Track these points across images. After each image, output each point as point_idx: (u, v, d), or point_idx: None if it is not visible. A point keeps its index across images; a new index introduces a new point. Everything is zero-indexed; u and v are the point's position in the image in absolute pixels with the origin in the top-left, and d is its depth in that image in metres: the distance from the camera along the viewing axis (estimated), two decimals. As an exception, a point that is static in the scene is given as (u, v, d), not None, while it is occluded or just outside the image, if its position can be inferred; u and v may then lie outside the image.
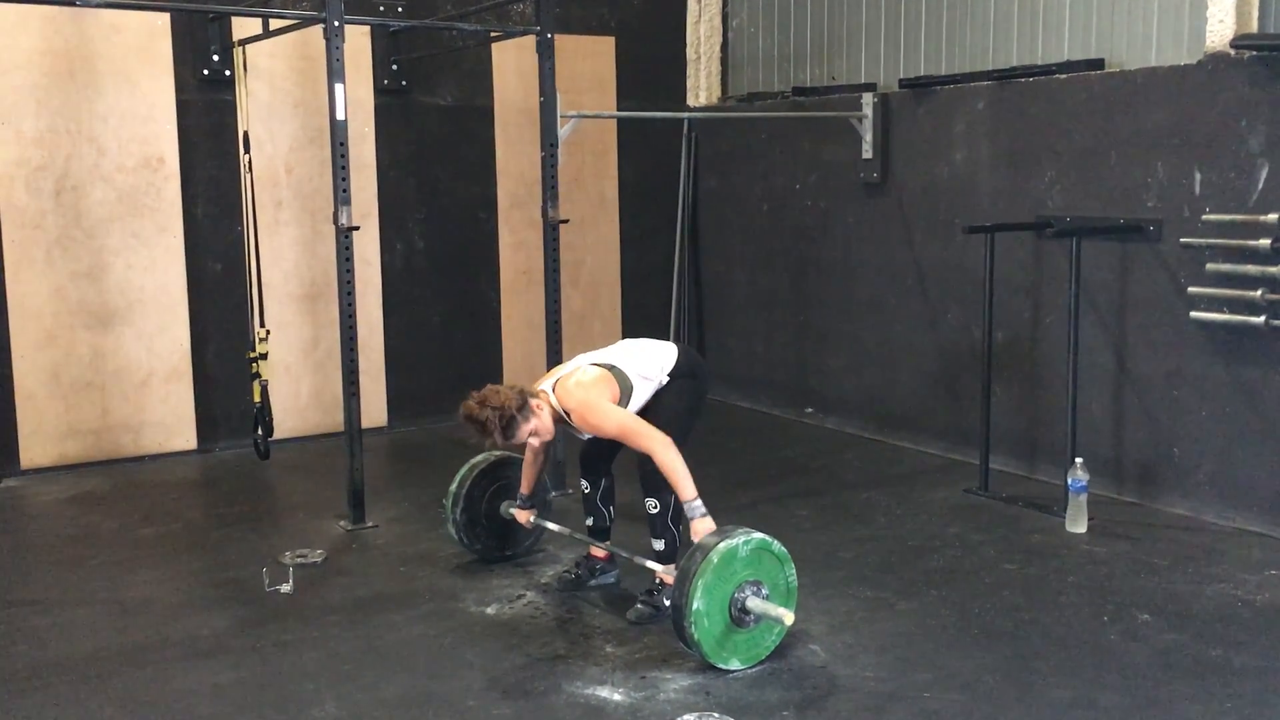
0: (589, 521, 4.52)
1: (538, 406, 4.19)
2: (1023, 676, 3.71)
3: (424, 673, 3.79)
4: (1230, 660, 3.81)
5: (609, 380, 4.22)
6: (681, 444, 4.10)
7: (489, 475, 4.75)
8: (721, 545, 3.72)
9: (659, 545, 4.19)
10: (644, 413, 4.24)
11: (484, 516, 4.74)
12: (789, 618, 3.72)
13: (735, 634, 3.75)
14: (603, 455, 4.45)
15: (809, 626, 4.10)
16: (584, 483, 4.49)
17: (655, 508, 4.15)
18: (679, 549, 4.20)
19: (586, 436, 4.34)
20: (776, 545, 3.84)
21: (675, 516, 4.15)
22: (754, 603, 3.74)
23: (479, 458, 4.79)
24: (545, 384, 4.32)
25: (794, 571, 3.88)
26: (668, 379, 4.30)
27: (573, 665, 3.82)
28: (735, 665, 3.77)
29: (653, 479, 4.09)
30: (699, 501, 3.94)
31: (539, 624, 4.17)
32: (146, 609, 4.35)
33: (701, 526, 3.90)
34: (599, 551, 4.53)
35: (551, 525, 4.62)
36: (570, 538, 4.60)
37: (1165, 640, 3.97)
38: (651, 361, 4.33)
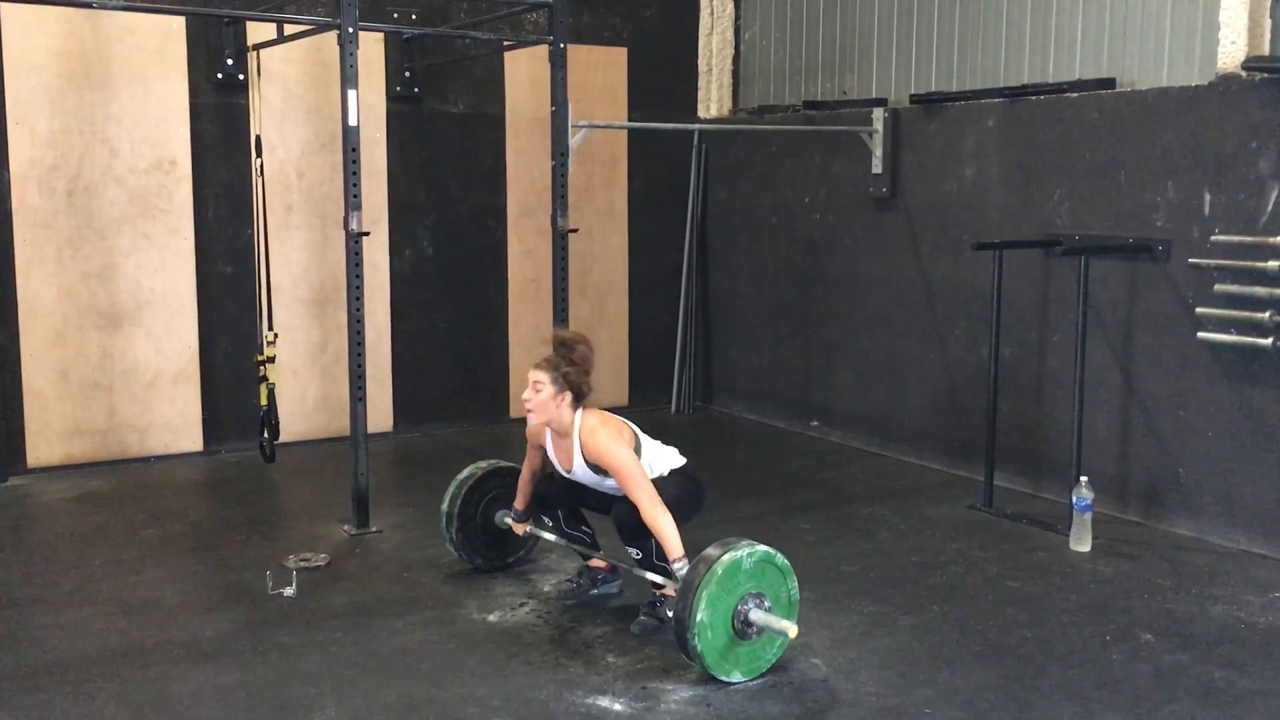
0: (574, 546, 4.54)
1: (564, 401, 4.16)
2: (1024, 695, 3.71)
3: (425, 679, 3.79)
4: (1233, 682, 3.80)
5: (631, 432, 4.23)
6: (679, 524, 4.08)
7: (478, 491, 4.75)
8: (725, 557, 3.72)
9: (652, 576, 4.16)
10: None
11: (480, 531, 4.75)
12: (792, 630, 3.72)
13: (738, 646, 3.75)
14: (554, 493, 4.44)
15: (811, 640, 4.10)
16: (546, 519, 4.51)
17: (639, 555, 4.14)
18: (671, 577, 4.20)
19: (561, 473, 4.33)
20: (780, 558, 3.84)
21: (660, 555, 4.09)
22: (757, 615, 3.74)
23: (464, 474, 4.80)
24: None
25: (796, 584, 3.88)
26: (667, 473, 4.26)
27: (574, 674, 3.82)
28: (737, 677, 3.77)
29: (630, 529, 4.07)
30: (684, 562, 3.87)
31: (541, 632, 4.17)
32: (150, 610, 4.36)
33: None
34: (599, 562, 4.53)
35: (548, 535, 4.62)
36: (567, 547, 4.59)
37: (1168, 661, 3.96)
38: (660, 454, 4.30)
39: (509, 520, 4.66)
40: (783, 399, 7.56)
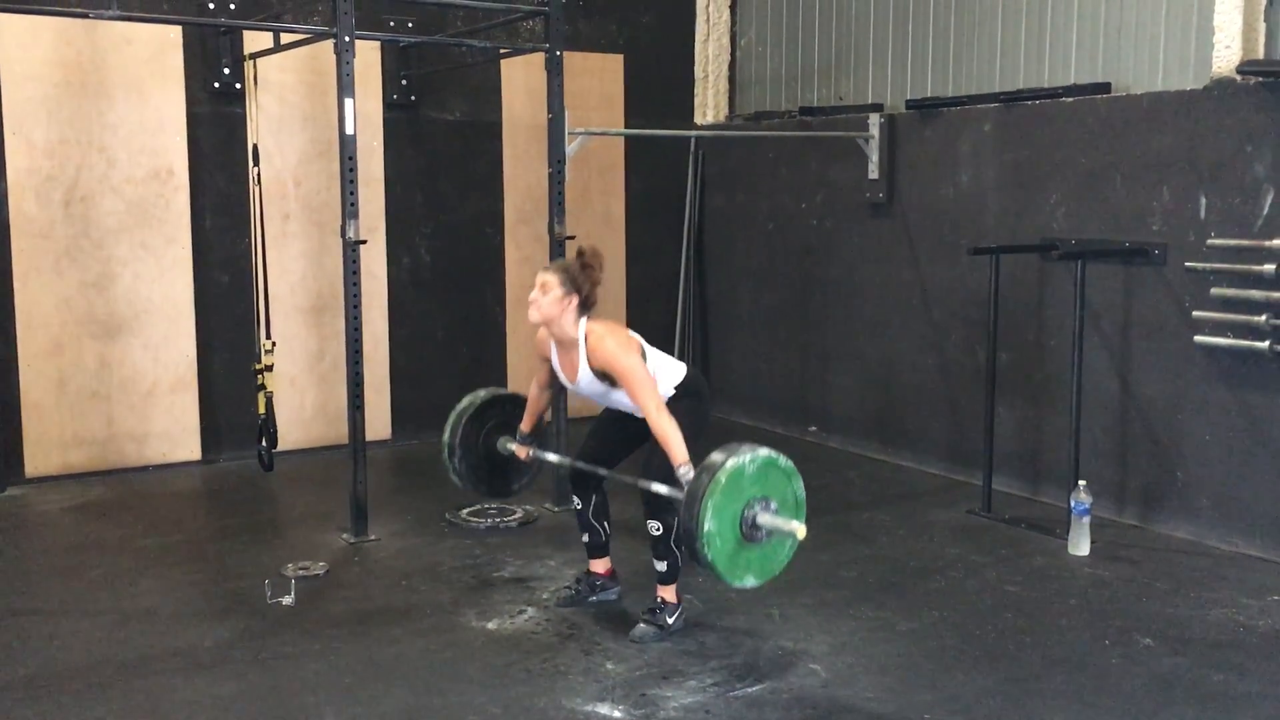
0: (585, 538, 4.52)
1: (570, 305, 4.13)
2: (1023, 699, 3.71)
3: (424, 687, 3.79)
4: (1232, 686, 3.80)
5: (637, 342, 4.19)
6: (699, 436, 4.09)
7: (478, 420, 4.71)
8: (729, 464, 3.67)
9: (661, 566, 4.19)
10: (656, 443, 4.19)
11: (483, 459, 4.72)
12: (801, 530, 3.69)
13: (748, 551, 3.71)
14: (595, 469, 4.42)
15: (810, 646, 4.10)
16: (576, 500, 4.48)
17: (658, 530, 4.14)
18: (681, 570, 4.21)
19: (567, 385, 4.30)
20: (783, 460, 3.80)
21: (679, 538, 4.14)
22: (764, 518, 3.70)
23: (463, 403, 4.76)
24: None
25: (801, 485, 3.82)
26: (674, 392, 4.27)
27: (573, 682, 3.82)
28: (750, 582, 3.75)
29: (656, 502, 4.07)
30: (689, 467, 3.85)
31: (540, 640, 4.17)
32: (148, 619, 4.35)
33: None
34: (599, 567, 4.53)
35: (551, 457, 4.61)
36: (571, 466, 4.51)
37: (1166, 665, 3.96)
38: (664, 367, 4.29)
39: (511, 446, 4.63)
40: (780, 404, 7.57)
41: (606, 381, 4.15)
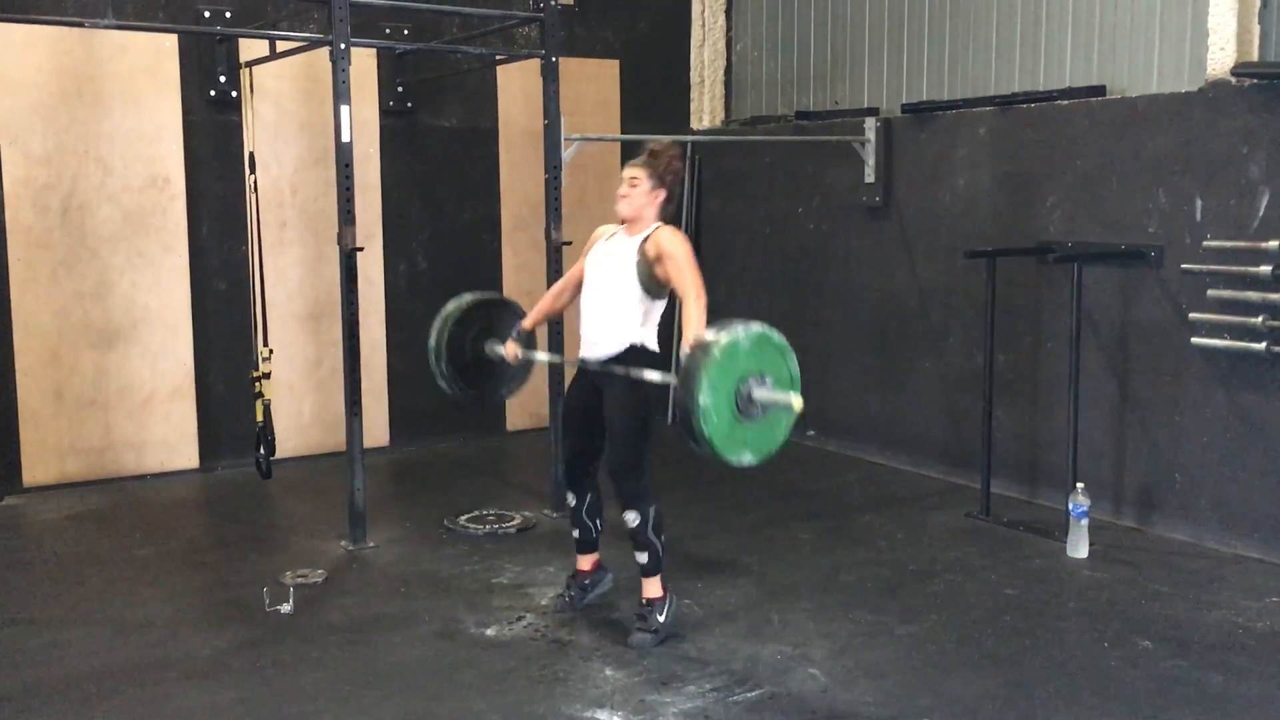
0: (575, 534, 4.52)
1: (656, 199, 4.22)
2: (1023, 703, 3.70)
3: (423, 694, 3.79)
4: (1231, 688, 3.80)
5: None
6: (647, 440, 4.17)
7: (464, 323, 4.69)
8: (723, 339, 3.68)
9: (642, 558, 4.19)
10: (613, 420, 4.20)
11: (471, 364, 4.71)
12: (797, 401, 3.69)
13: (744, 427, 3.71)
14: (588, 465, 4.41)
15: (809, 651, 4.10)
16: (570, 496, 4.48)
17: (635, 520, 4.15)
18: (662, 559, 4.21)
19: (602, 264, 4.27)
20: (776, 335, 3.80)
21: (656, 528, 4.16)
22: (760, 393, 3.70)
23: (449, 307, 4.75)
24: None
25: (795, 361, 3.83)
26: (641, 345, 4.24)
27: (572, 688, 3.82)
28: (748, 459, 3.75)
29: (630, 492, 4.10)
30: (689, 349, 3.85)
31: (538, 646, 4.16)
32: (147, 628, 4.35)
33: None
34: (585, 564, 4.53)
35: (541, 356, 4.61)
36: (563, 363, 4.50)
37: (1165, 667, 3.96)
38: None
39: (500, 348, 4.64)
40: (779, 409, 7.56)
41: (639, 259, 4.13)
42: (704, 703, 3.71)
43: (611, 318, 4.21)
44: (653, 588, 4.22)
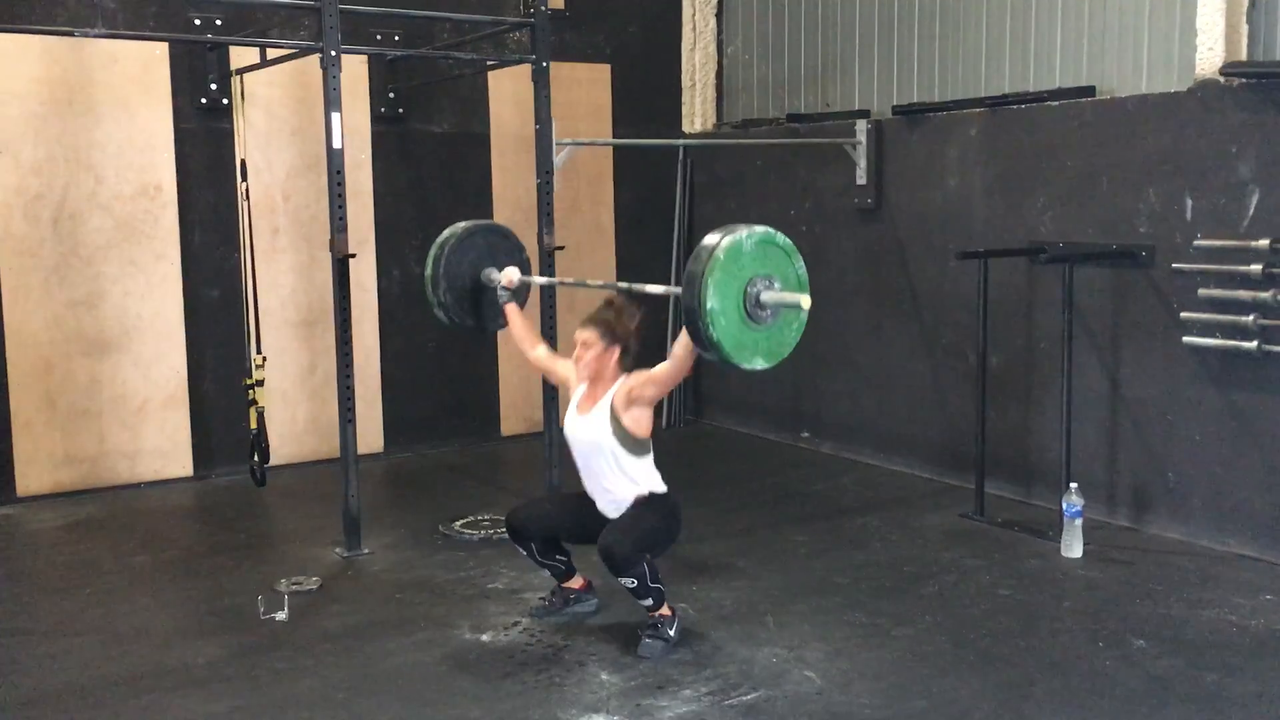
0: (545, 573, 4.53)
1: (613, 357, 4.21)
2: (1017, 703, 3.71)
3: (419, 700, 3.79)
4: (1225, 686, 3.81)
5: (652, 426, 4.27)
6: (654, 556, 4.14)
7: (460, 250, 4.69)
8: (726, 241, 3.63)
9: (647, 602, 4.15)
10: (624, 519, 4.18)
11: (470, 291, 4.68)
12: (806, 301, 3.66)
13: (754, 330, 3.68)
14: (553, 540, 4.41)
15: (804, 653, 4.11)
16: (519, 549, 4.45)
17: (633, 583, 4.08)
18: (665, 594, 4.19)
19: (566, 421, 4.30)
20: (781, 237, 3.76)
21: (654, 577, 4.11)
22: (768, 295, 3.67)
23: (444, 235, 4.75)
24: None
25: (802, 263, 3.80)
26: (661, 491, 4.26)
27: (568, 693, 3.82)
28: (760, 364, 3.74)
29: (619, 560, 4.02)
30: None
31: (534, 651, 4.16)
32: (141, 637, 4.34)
33: None
34: (572, 584, 4.51)
35: (539, 279, 4.66)
36: (562, 283, 4.80)
37: (1160, 666, 3.97)
38: (655, 472, 4.30)
39: (497, 275, 4.71)
40: (773, 411, 7.57)
41: (613, 427, 4.15)
42: (700, 706, 3.71)
43: (612, 490, 4.23)
44: (661, 610, 4.18)
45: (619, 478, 4.21)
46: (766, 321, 3.72)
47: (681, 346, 3.99)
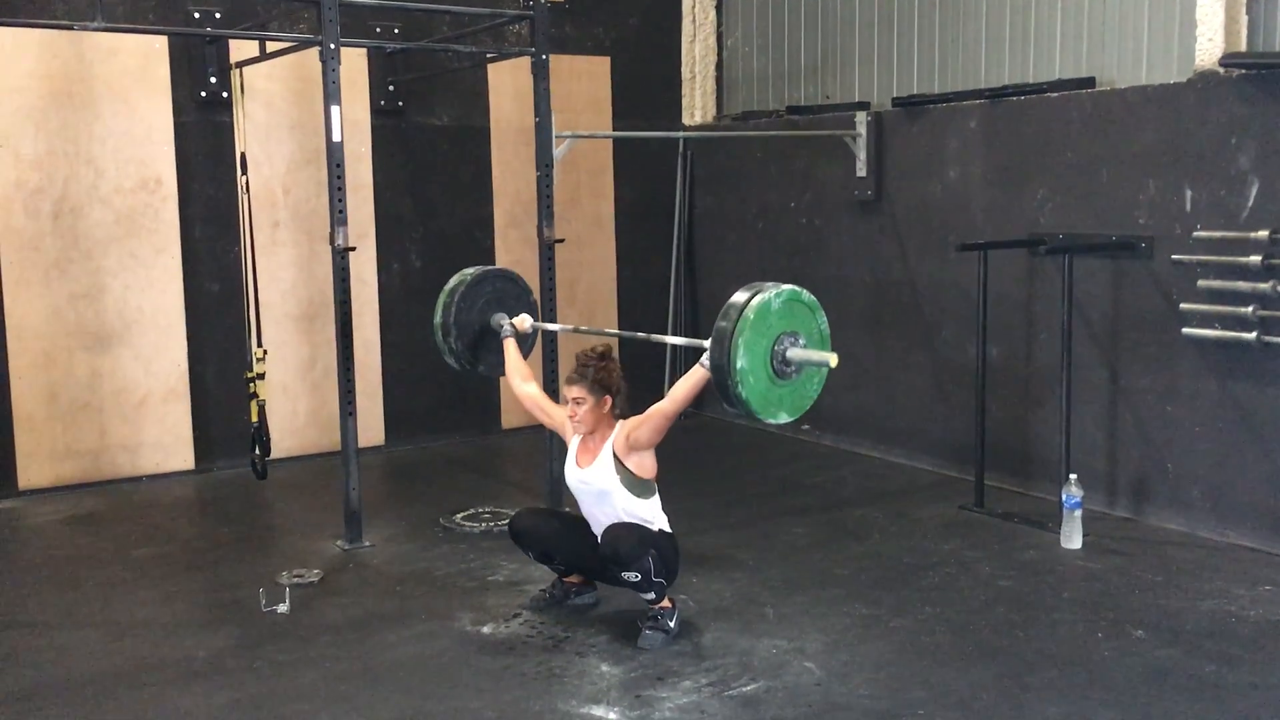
0: (550, 570, 4.57)
1: (605, 405, 4.22)
2: (1017, 693, 3.72)
3: (419, 692, 3.80)
4: (1224, 676, 3.82)
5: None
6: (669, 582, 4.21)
7: (470, 297, 4.71)
8: (755, 301, 3.72)
9: (649, 595, 4.17)
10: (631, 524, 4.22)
11: (480, 336, 4.72)
12: (833, 359, 3.74)
13: (779, 387, 3.77)
14: (530, 535, 4.45)
15: (804, 644, 4.12)
16: (525, 553, 4.53)
17: (637, 577, 4.12)
18: (668, 587, 4.22)
19: (570, 471, 4.34)
20: (806, 294, 3.86)
21: (658, 570, 4.14)
22: (794, 352, 3.75)
23: (453, 282, 4.79)
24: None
25: (825, 319, 3.89)
26: (667, 531, 4.30)
27: (568, 684, 3.83)
28: (784, 418, 3.84)
29: (623, 555, 4.07)
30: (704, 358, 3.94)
31: (534, 643, 4.17)
32: (143, 630, 4.36)
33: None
34: (573, 576, 4.53)
35: (553, 326, 4.67)
36: (575, 331, 4.86)
37: (1159, 656, 3.98)
38: (662, 512, 4.34)
39: (505, 321, 4.79)
40: (773, 403, 7.57)
41: (620, 475, 4.18)
42: (700, 697, 3.72)
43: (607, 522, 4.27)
44: (662, 603, 4.21)
45: (627, 522, 4.23)
46: (791, 378, 3.81)
47: (684, 391, 4.05)
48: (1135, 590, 4.59)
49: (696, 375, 4.02)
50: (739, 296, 3.77)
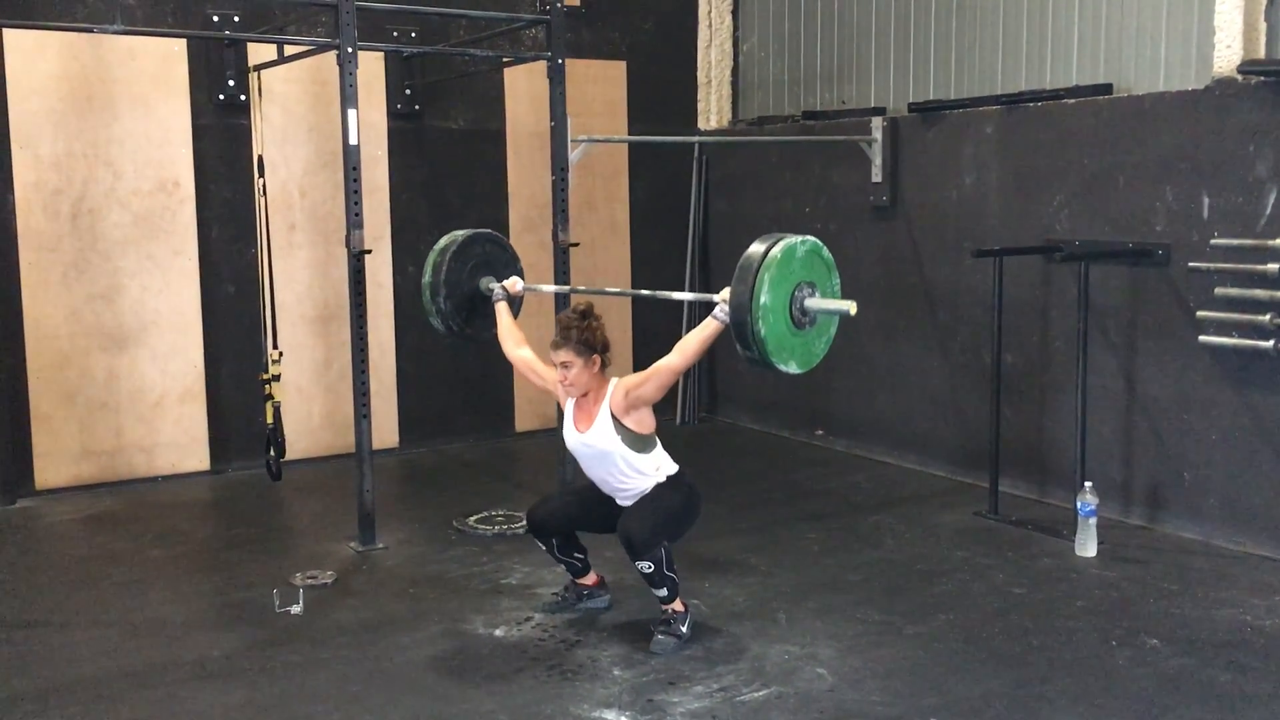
0: (561, 568, 4.55)
1: (595, 365, 4.19)
2: (1030, 702, 3.71)
3: (432, 695, 3.81)
4: (1239, 686, 3.80)
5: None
6: (672, 541, 4.17)
7: (461, 257, 4.71)
8: (782, 243, 3.74)
9: (662, 592, 4.17)
10: (644, 503, 4.20)
11: (469, 299, 4.71)
12: (852, 307, 3.74)
13: (793, 335, 3.79)
14: (569, 531, 4.42)
15: (816, 650, 4.11)
16: (539, 544, 4.48)
17: (650, 568, 4.11)
18: (679, 586, 4.21)
19: (572, 433, 4.29)
20: (826, 252, 3.90)
21: (670, 564, 4.14)
22: (812, 301, 3.77)
23: (443, 242, 4.78)
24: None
25: (839, 281, 3.94)
26: (674, 473, 4.28)
27: (580, 688, 3.83)
28: (793, 368, 3.83)
29: (638, 544, 4.05)
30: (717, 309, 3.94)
31: (546, 646, 4.18)
32: (158, 630, 4.38)
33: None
34: (585, 580, 4.53)
35: (545, 288, 4.66)
36: (572, 291, 4.84)
37: (1174, 665, 3.96)
38: (666, 457, 4.31)
39: (495, 284, 4.78)
40: (787, 408, 7.57)
41: (620, 434, 4.15)
42: (711, 702, 3.72)
43: (628, 487, 4.24)
44: (675, 605, 4.21)
45: (632, 476, 4.22)
46: (805, 329, 3.82)
47: (695, 344, 4.00)
48: (1150, 599, 4.57)
49: (710, 327, 3.99)
50: (762, 240, 3.78)
